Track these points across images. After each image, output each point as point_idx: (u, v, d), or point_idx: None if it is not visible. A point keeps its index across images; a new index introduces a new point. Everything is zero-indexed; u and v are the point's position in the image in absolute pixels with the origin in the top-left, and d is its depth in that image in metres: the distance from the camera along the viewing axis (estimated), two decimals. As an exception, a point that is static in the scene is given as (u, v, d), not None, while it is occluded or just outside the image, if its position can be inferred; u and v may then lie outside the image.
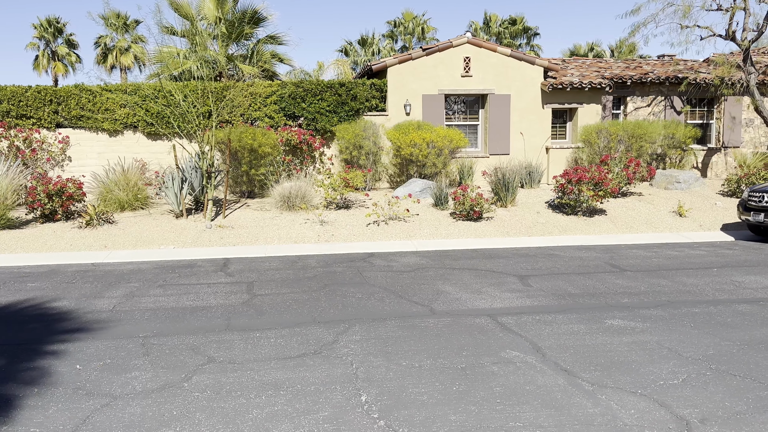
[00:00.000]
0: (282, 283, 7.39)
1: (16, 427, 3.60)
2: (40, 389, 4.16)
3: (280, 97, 14.61)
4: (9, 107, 14.03)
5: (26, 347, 5.04)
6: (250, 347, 5.02)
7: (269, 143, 13.45)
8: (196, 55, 14.41)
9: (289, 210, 12.38)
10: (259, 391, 4.13)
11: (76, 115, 14.25)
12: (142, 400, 3.97)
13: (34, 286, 7.34)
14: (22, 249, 9.85)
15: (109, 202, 12.27)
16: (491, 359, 4.72)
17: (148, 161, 14.31)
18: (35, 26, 38.08)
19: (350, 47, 38.38)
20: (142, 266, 8.59)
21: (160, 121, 13.98)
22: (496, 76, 15.56)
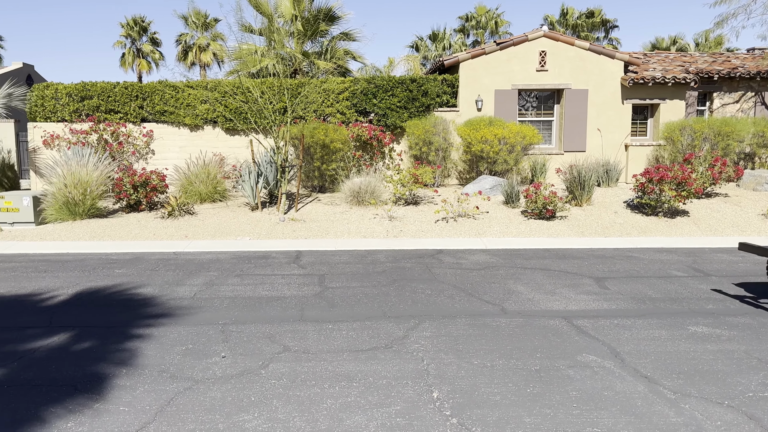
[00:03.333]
0: (352, 277, 7.48)
1: (107, 405, 3.83)
2: (128, 370, 4.41)
3: (352, 93, 14.77)
4: (99, 102, 14.88)
5: (115, 330, 5.35)
6: (323, 338, 5.12)
7: (340, 139, 13.64)
8: (273, 52, 14.77)
9: (358, 205, 12.51)
10: (332, 381, 4.21)
11: (160, 110, 14.94)
12: (222, 385, 4.13)
13: (121, 273, 7.76)
14: (110, 237, 10.43)
15: (190, 194, 12.81)
16: (567, 362, 4.60)
17: (226, 155, 14.83)
18: (122, 25, 40.17)
19: (421, 42, 38.28)
20: (220, 256, 8.92)
21: (238, 117, 14.45)
22: (573, 70, 15.12)
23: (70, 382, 4.17)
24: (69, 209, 11.58)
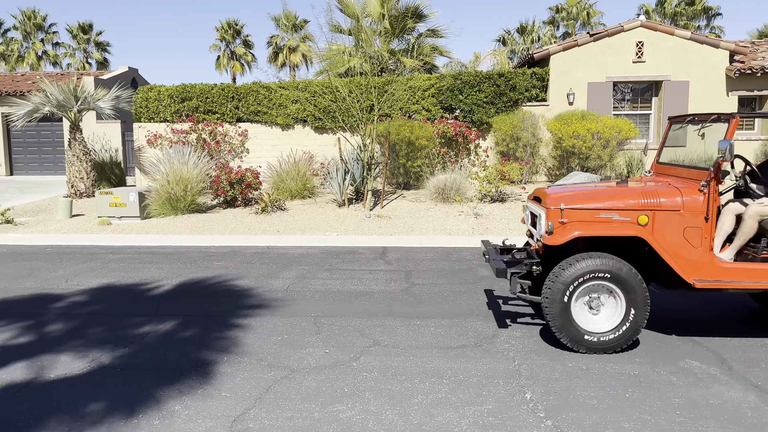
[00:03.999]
0: (438, 274, 7.48)
1: (211, 390, 4.05)
2: (229, 357, 4.64)
3: (438, 89, 14.73)
4: (198, 103, 15.70)
5: (216, 319, 5.64)
6: (412, 334, 5.16)
7: (426, 136, 13.65)
8: (360, 51, 15.01)
9: (443, 202, 12.48)
10: (422, 377, 4.24)
11: (254, 110, 15.56)
12: (317, 375, 4.26)
13: (220, 265, 8.16)
14: (208, 231, 10.99)
15: (281, 190, 13.27)
16: (668, 368, 4.39)
17: (315, 153, 15.23)
18: (217, 29, 42.13)
19: (508, 36, 37.55)
20: (310, 251, 9.18)
21: (326, 116, 14.80)
22: (672, 61, 14.32)
23: (177, 367, 4.44)
24: (171, 204, 12.30)
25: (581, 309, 4.69)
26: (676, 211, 4.67)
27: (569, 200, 4.81)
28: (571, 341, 4.63)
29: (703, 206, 4.65)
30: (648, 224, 4.68)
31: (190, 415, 3.67)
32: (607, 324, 4.65)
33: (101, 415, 3.67)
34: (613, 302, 4.66)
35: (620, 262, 4.56)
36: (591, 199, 4.81)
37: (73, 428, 3.51)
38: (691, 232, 4.67)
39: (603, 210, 4.74)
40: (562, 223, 4.76)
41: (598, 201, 4.79)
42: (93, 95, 15.40)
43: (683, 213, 4.67)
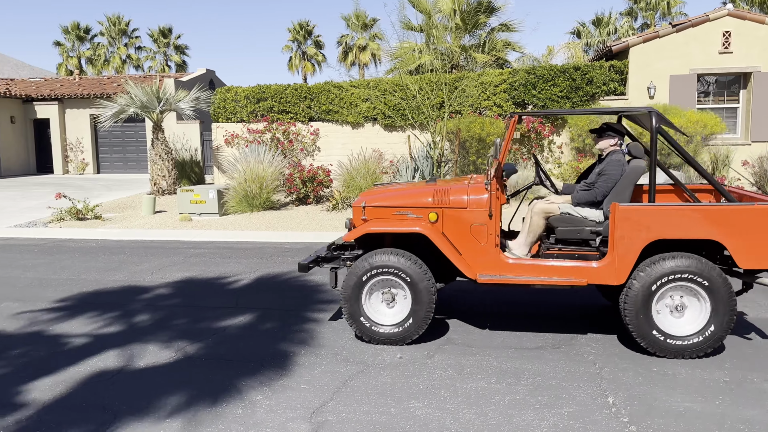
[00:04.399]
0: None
1: (290, 381, 4.15)
2: (306, 350, 4.73)
3: (510, 85, 14.47)
4: (272, 104, 16.12)
5: (293, 312, 5.77)
6: (488, 333, 5.09)
7: (497, 132, 13.43)
8: (431, 48, 14.95)
9: (515, 199, 12.24)
10: (499, 377, 4.17)
11: (326, 109, 15.82)
12: (392, 371, 4.28)
13: (294, 260, 8.34)
14: (282, 227, 11.26)
15: (352, 188, 13.41)
16: (762, 375, 4.13)
17: (384, 151, 15.31)
18: (289, 30, 43.13)
19: (583, 28, 36.41)
20: (381, 248, 9.22)
21: (396, 114, 14.84)
22: (763, 51, 13.45)
23: (257, 358, 4.57)
24: (247, 202, 12.69)
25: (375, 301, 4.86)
26: (463, 208, 4.83)
27: (371, 199, 5.07)
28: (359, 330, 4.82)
29: (487, 203, 4.77)
30: (438, 221, 4.89)
31: (271, 405, 3.77)
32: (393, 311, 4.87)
33: (187, 403, 3.83)
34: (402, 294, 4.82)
35: (410, 257, 4.72)
36: (390, 198, 5.05)
37: (161, 414, 3.68)
38: (477, 228, 4.81)
39: (399, 208, 4.99)
40: (364, 220, 5.06)
41: (396, 200, 5.03)
42: (174, 97, 16.10)
43: (469, 210, 4.83)
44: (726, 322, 4.34)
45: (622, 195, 4.86)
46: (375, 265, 4.75)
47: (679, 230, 4.42)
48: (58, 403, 3.85)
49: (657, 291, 4.41)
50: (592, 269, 4.60)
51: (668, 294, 4.47)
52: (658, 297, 4.45)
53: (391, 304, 4.85)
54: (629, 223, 4.46)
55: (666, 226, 4.43)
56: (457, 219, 4.85)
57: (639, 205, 4.48)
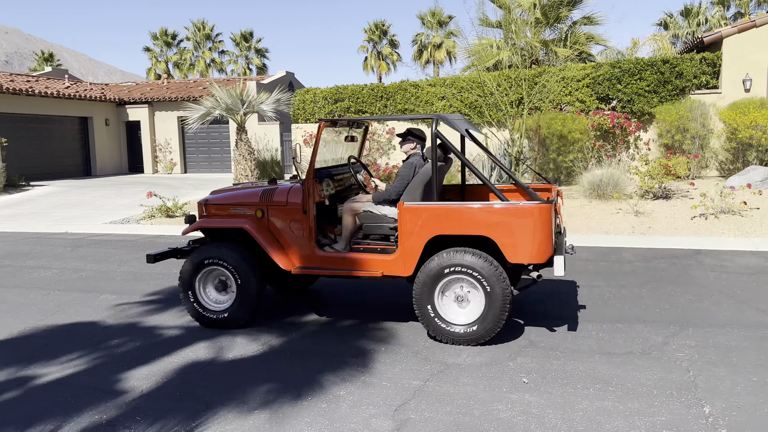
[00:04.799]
0: (596, 276, 7.09)
1: (371, 378, 4.19)
2: (386, 348, 4.77)
3: (593, 79, 13.98)
4: (349, 104, 16.36)
5: (371, 310, 5.82)
6: (571, 337, 4.94)
7: (579, 129, 13.01)
8: (509, 43, 14.67)
9: (598, 199, 11.81)
10: (585, 382, 4.04)
11: (401, 108, 15.87)
12: (473, 372, 4.24)
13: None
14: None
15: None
16: None
17: (461, 149, 15.17)
18: (365, 30, 43.60)
19: (670, 20, 34.65)
20: (458, 247, 9.15)
21: (473, 111, 14.68)
22: None
23: (339, 354, 4.65)
24: (324, 200, 12.93)
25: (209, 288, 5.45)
26: (283, 206, 5.31)
27: (212, 198, 5.66)
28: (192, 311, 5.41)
29: (302, 202, 5.23)
30: (264, 218, 5.36)
31: (354, 401, 3.82)
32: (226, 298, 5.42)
33: (272, 395, 3.95)
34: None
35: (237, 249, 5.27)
36: (227, 198, 5.61)
37: (250, 406, 3.81)
38: (295, 224, 5.26)
39: (233, 206, 5.52)
40: (204, 216, 5.60)
41: (231, 199, 5.57)
42: (256, 99, 16.63)
43: (288, 208, 5.29)
44: (500, 313, 4.63)
45: (413, 194, 5.10)
46: (206, 256, 5.30)
47: (456, 227, 4.75)
48: (155, 391, 4.07)
49: (438, 282, 4.75)
50: (387, 262, 4.99)
51: (450, 285, 4.81)
52: (440, 288, 4.79)
53: (223, 291, 5.42)
54: (413, 220, 4.82)
55: (444, 224, 4.77)
56: (279, 216, 5.33)
57: (421, 204, 4.84)
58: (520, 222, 4.60)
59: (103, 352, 4.86)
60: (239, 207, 5.49)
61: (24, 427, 3.58)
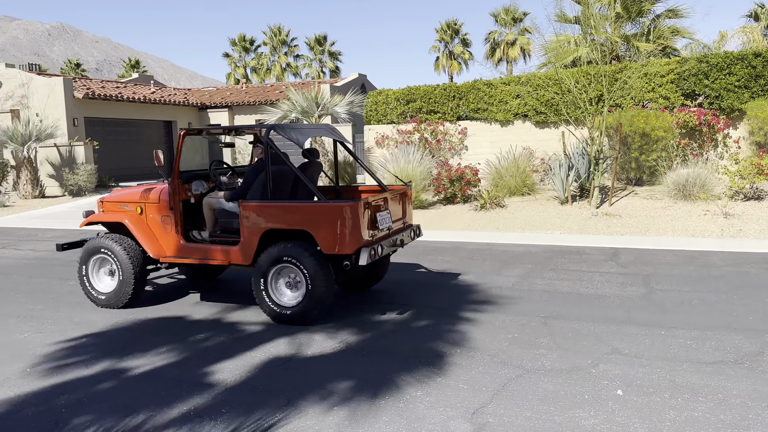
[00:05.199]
0: (682, 280, 6.77)
1: (448, 380, 4.18)
2: (461, 350, 4.74)
3: (678, 74, 13.33)
4: (421, 104, 16.36)
5: (446, 311, 5.81)
6: (656, 344, 4.74)
7: (663, 126, 12.44)
8: (588, 39, 14.23)
9: (684, 199, 11.27)
10: (673, 392, 3.86)
11: (474, 107, 15.73)
12: (553, 378, 4.14)
13: (443, 259, 8.40)
14: (431, 226, 11.39)
15: (500, 187, 13.20)
16: None
17: (535, 149, 14.87)
18: (437, 30, 43.49)
19: (761, 10, 32.47)
20: (532, 249, 8.98)
21: (549, 109, 14.34)
22: None
23: (414, 354, 4.67)
24: (397, 201, 12.99)
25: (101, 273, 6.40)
26: (156, 203, 6.13)
27: (108, 197, 6.59)
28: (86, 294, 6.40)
29: (168, 199, 6.04)
30: (143, 213, 6.21)
31: (431, 402, 3.83)
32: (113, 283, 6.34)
33: (350, 393, 4.01)
34: None
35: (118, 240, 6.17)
36: (119, 196, 6.50)
37: (329, 402, 3.89)
38: (166, 219, 6.06)
39: (122, 203, 6.38)
40: (102, 211, 6.57)
41: (122, 197, 6.45)
42: (330, 101, 16.96)
43: (160, 205, 6.10)
44: (321, 295, 5.37)
45: (255, 193, 5.80)
46: (95, 246, 6.23)
47: (283, 223, 5.50)
48: (239, 385, 4.23)
49: (270, 269, 5.50)
50: (233, 252, 5.72)
51: (279, 273, 5.56)
52: (273, 274, 5.54)
53: (110, 276, 6.33)
54: (250, 216, 5.56)
55: (274, 220, 5.50)
56: (153, 212, 6.16)
57: (255, 202, 5.58)
58: (330, 219, 5.29)
59: (189, 346, 5.10)
60: (125, 204, 6.37)
61: (120, 416, 3.81)
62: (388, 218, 5.95)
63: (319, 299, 5.37)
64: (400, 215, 6.32)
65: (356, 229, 5.30)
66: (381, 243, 5.58)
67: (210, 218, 6.16)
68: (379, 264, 6.55)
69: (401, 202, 6.39)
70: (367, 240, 5.43)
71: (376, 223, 5.67)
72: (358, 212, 5.31)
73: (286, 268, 5.50)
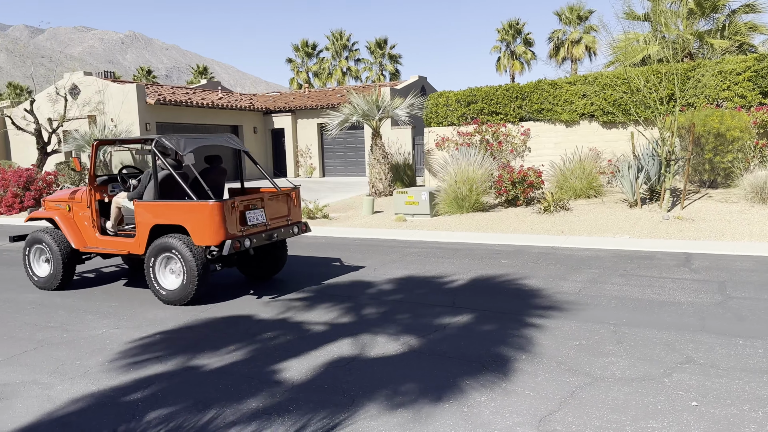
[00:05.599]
0: (761, 288, 6.42)
1: (513, 386, 4.12)
2: (526, 356, 4.67)
3: (756, 72, 12.66)
4: (482, 106, 16.20)
5: (509, 316, 5.73)
6: (734, 354, 4.52)
7: (739, 126, 11.83)
8: (657, 37, 13.72)
9: (762, 203, 10.69)
10: (753, 404, 3.67)
11: (537, 108, 15.43)
12: (623, 387, 4.01)
13: (506, 263, 8.29)
14: (491, 229, 11.26)
15: (565, 189, 12.90)
16: None
17: (601, 150, 14.45)
18: (498, 30, 42.92)
19: None
20: (599, 253, 8.73)
21: (617, 109, 13.91)
22: None
23: (477, 359, 4.63)
24: (457, 203, 12.92)
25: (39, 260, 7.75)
26: (80, 202, 7.47)
27: (49, 197, 7.98)
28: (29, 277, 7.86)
29: (87, 199, 7.37)
30: (71, 211, 7.56)
31: (496, 408, 3.78)
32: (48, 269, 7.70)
33: (414, 395, 4.02)
34: None
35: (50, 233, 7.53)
36: (57, 196, 7.85)
37: (393, 403, 3.91)
38: (86, 216, 7.41)
39: (56, 201, 7.75)
40: (43, 209, 7.92)
41: (58, 197, 7.78)
42: (390, 104, 17.04)
43: (81, 204, 7.46)
44: (195, 281, 6.39)
45: (149, 194, 6.90)
46: (34, 237, 7.61)
47: (165, 219, 6.62)
48: (305, 383, 4.32)
49: (156, 258, 6.63)
50: (131, 243, 6.95)
51: (164, 261, 6.65)
52: (158, 262, 6.65)
53: (46, 263, 7.60)
54: (141, 213, 6.75)
55: (158, 216, 6.65)
56: (77, 209, 7.51)
57: (144, 202, 6.76)
58: (200, 216, 6.37)
59: (257, 344, 5.24)
60: (59, 202, 7.68)
61: (193, 411, 3.96)
62: (260, 215, 6.97)
63: (196, 283, 6.40)
64: (284, 213, 7.35)
65: (221, 224, 6.36)
66: (250, 237, 6.61)
67: (115, 215, 7.40)
68: (274, 257, 7.71)
69: (286, 203, 7.42)
70: (233, 234, 6.47)
71: (245, 219, 6.71)
72: (223, 210, 6.36)
73: (168, 257, 6.60)
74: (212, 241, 6.35)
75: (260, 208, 6.96)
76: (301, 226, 7.56)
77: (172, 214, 6.55)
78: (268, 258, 7.68)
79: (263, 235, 6.84)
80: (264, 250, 7.63)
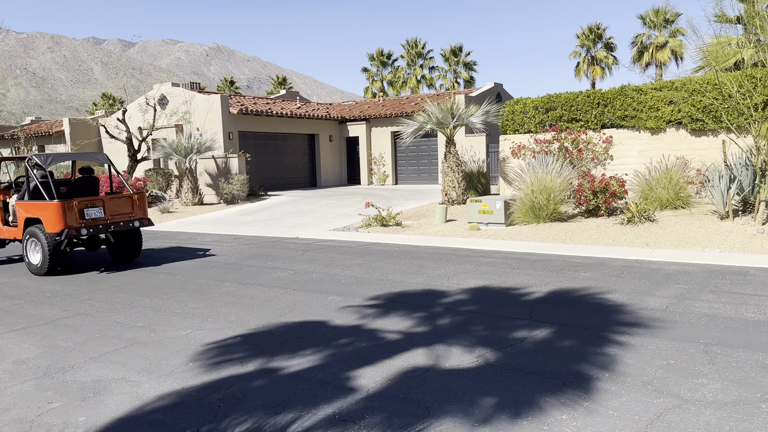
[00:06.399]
0: None
1: (596, 406, 3.95)
2: (609, 375, 4.47)
3: None
4: (562, 112, 15.77)
5: (591, 332, 5.52)
6: None
7: None
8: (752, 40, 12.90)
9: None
10: None
11: (620, 115, 14.86)
12: (715, 411, 3.77)
13: (586, 276, 7.99)
14: (570, 240, 10.91)
15: (650, 200, 12.34)
16: None
17: (690, 158, 13.72)
18: (578, 35, 41.77)
19: None
20: (687, 268, 8.27)
21: (707, 116, 13.18)
22: None
23: (557, 375, 4.48)
24: (533, 213, 12.62)
25: None
26: None
27: None
28: None
29: None
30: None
31: (578, 427, 3.64)
32: None
33: (490, 411, 3.93)
34: None
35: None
36: None
37: (470, 418, 3.84)
38: None
39: None
40: None
41: None
42: (465, 112, 16.91)
43: None
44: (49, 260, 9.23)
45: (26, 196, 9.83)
46: None
47: (30, 213, 9.55)
48: (380, 392, 4.32)
49: (27, 241, 9.56)
50: (15, 230, 9.99)
51: (30, 243, 9.54)
52: (28, 244, 9.58)
53: None
54: (19, 210, 9.76)
55: (27, 211, 9.59)
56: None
57: (20, 201, 9.73)
58: (47, 211, 9.20)
59: (332, 350, 5.31)
60: None
61: (272, 414, 4.05)
62: (99, 212, 9.53)
63: (51, 261, 9.21)
64: (127, 211, 9.91)
65: (62, 217, 9.09)
66: (88, 227, 9.28)
67: (11, 211, 10.19)
68: (129, 246, 10.32)
69: (130, 203, 9.99)
70: (71, 224, 9.13)
71: (83, 215, 9.32)
72: (63, 207, 9.10)
73: (33, 241, 9.45)
74: (55, 229, 9.12)
75: (99, 207, 9.56)
76: (144, 221, 10.06)
77: (33, 210, 9.49)
78: (126, 245, 10.30)
79: (100, 226, 9.45)
80: (123, 239, 10.25)
